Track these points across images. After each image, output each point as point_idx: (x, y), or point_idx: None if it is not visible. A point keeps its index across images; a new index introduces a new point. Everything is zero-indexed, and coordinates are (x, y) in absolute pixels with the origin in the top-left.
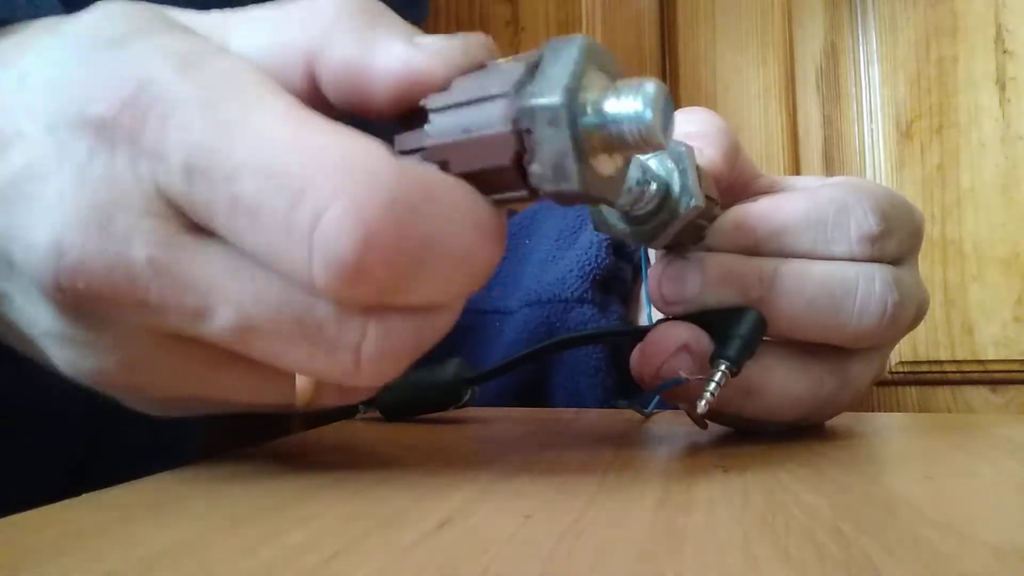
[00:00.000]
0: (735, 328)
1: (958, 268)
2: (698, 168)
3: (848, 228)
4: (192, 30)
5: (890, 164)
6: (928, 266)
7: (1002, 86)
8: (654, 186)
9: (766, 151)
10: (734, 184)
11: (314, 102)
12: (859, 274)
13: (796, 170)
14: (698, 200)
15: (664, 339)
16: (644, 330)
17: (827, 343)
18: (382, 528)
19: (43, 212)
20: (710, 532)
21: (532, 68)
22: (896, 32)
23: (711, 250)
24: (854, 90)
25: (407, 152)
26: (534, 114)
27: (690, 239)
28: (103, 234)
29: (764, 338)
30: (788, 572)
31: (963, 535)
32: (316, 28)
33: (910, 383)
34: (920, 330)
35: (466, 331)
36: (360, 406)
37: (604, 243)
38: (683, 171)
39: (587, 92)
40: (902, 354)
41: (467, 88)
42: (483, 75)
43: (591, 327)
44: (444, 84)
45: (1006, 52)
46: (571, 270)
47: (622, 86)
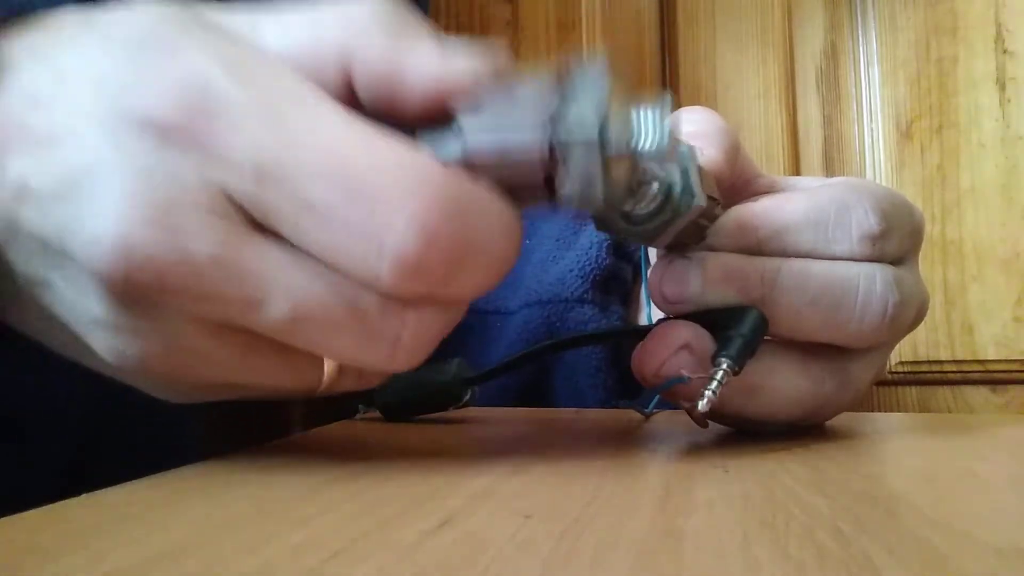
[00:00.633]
0: (736, 327)
1: (958, 268)
2: (699, 168)
3: (849, 228)
4: (230, 32)
5: (890, 164)
6: (928, 266)
7: (1002, 86)
8: (656, 186)
9: (766, 151)
10: (734, 183)
11: (345, 99)
12: (860, 274)
13: (796, 170)
14: (700, 200)
15: (665, 338)
16: (645, 329)
17: (828, 343)
18: (382, 528)
19: (105, 207)
20: (710, 532)
21: (564, 92)
22: (896, 32)
23: (712, 249)
24: (854, 90)
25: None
26: (570, 146)
27: (692, 239)
28: (169, 231)
29: (765, 338)
30: (788, 572)
31: (963, 535)
32: (353, 29)
33: (910, 383)
34: (920, 330)
35: (466, 331)
36: (360, 406)
37: (604, 243)
38: (684, 171)
39: (612, 121)
40: (902, 354)
41: (501, 109)
42: (516, 97)
43: (591, 327)
44: (472, 91)
45: (1006, 52)
46: (571, 270)
47: (643, 116)
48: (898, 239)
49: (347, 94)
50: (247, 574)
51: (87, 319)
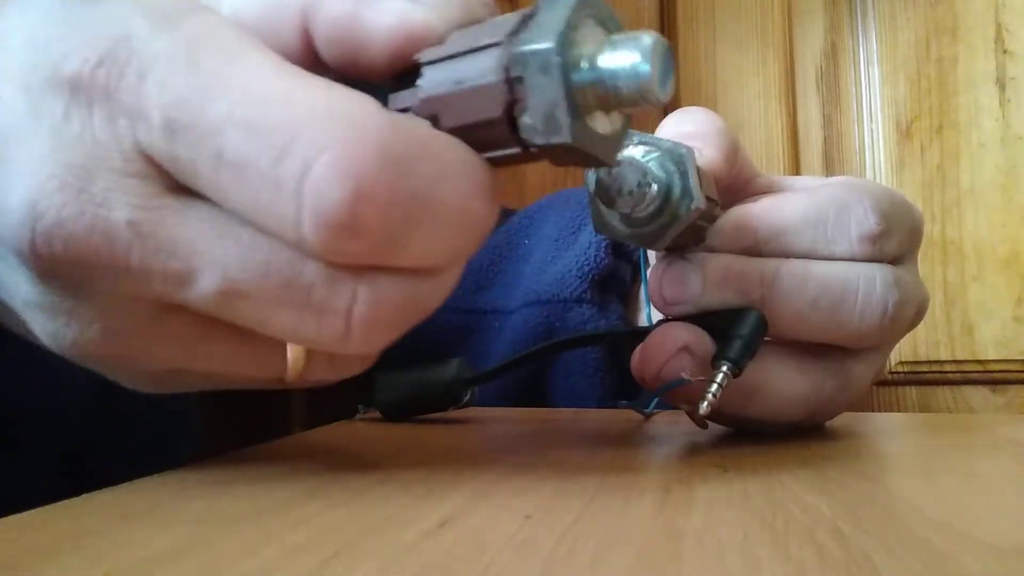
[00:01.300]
0: (736, 329)
1: (958, 268)
2: (698, 169)
3: (849, 227)
4: None
5: (890, 164)
6: (928, 266)
7: (1002, 86)
8: (655, 188)
9: (766, 151)
10: (733, 184)
11: (308, 61)
12: (860, 274)
13: (796, 170)
14: (699, 202)
15: (665, 340)
16: (645, 331)
17: (828, 343)
18: (382, 528)
19: (18, 174)
20: (710, 532)
21: (527, 18)
22: (896, 32)
23: (712, 251)
24: (854, 90)
25: (400, 110)
26: (525, 61)
27: (691, 240)
28: (81, 195)
29: (765, 339)
30: (788, 572)
31: (963, 535)
32: None
33: (910, 383)
34: (920, 330)
35: (466, 331)
36: (360, 406)
37: (603, 243)
38: (684, 173)
39: (583, 46)
40: (902, 354)
41: (461, 40)
42: (478, 28)
43: (590, 327)
44: (441, 40)
45: (1006, 52)
46: (570, 270)
47: (618, 39)
48: (898, 239)
49: (309, 56)
50: (247, 574)
51: (20, 301)
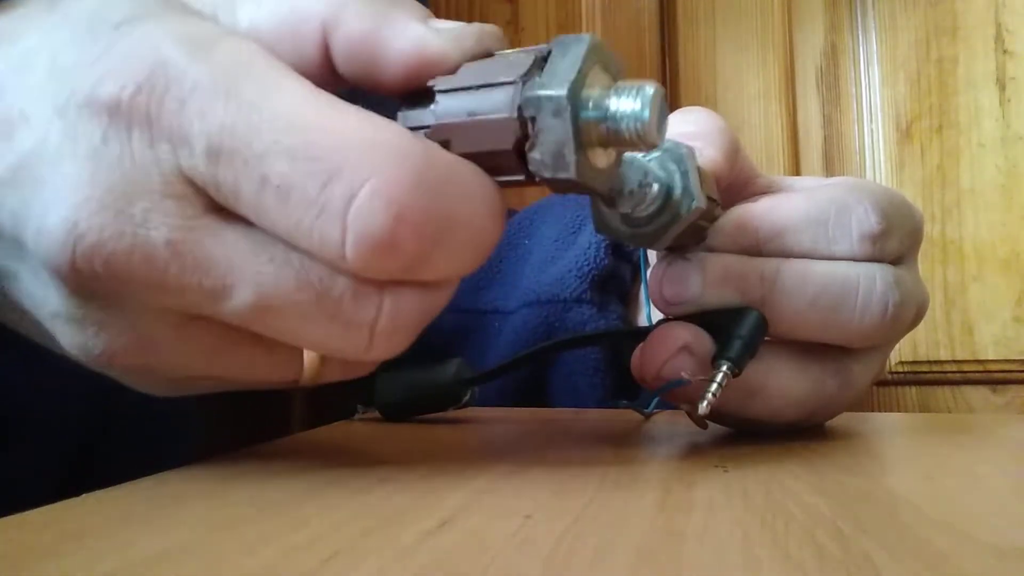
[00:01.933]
0: (736, 328)
1: (958, 268)
2: (699, 169)
3: (849, 227)
4: (196, 11)
5: (890, 164)
6: (928, 266)
7: (1002, 86)
8: (655, 188)
9: (766, 151)
10: (734, 183)
11: (326, 72)
12: (860, 274)
13: (796, 170)
14: (699, 201)
15: (665, 340)
16: (645, 331)
17: (828, 343)
18: (382, 528)
19: (56, 195)
20: (710, 532)
21: (540, 61)
22: (896, 32)
23: (712, 250)
24: (854, 90)
25: (412, 129)
26: (539, 103)
27: (691, 240)
28: (120, 216)
29: (765, 338)
30: (788, 572)
31: (963, 535)
32: (333, 0)
33: (910, 383)
34: (920, 330)
35: (466, 331)
36: (360, 406)
37: (603, 243)
38: (684, 173)
39: (590, 89)
40: (902, 354)
41: (475, 73)
42: (492, 63)
43: (590, 327)
44: (454, 68)
45: (1006, 52)
46: (570, 270)
47: (623, 86)
48: (898, 239)
49: (327, 70)
50: (247, 574)
51: (47, 312)
